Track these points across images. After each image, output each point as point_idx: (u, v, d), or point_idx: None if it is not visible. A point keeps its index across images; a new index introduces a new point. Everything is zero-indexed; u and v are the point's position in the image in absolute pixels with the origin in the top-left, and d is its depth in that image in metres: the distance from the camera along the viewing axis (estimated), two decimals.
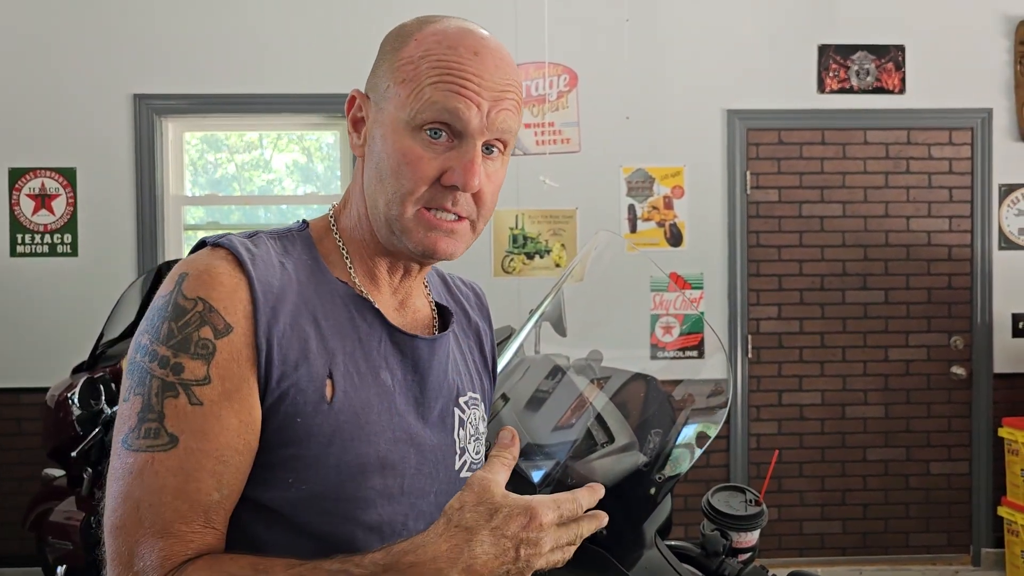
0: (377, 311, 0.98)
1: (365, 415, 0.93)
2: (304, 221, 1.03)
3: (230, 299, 0.89)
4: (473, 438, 1.06)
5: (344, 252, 1.00)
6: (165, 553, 0.83)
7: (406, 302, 1.04)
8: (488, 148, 0.95)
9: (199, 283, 0.89)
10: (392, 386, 0.97)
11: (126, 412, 0.87)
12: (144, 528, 0.84)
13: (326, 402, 0.91)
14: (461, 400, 1.05)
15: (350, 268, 0.99)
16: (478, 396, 1.09)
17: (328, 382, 0.92)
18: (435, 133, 0.93)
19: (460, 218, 0.96)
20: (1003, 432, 3.98)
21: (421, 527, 0.94)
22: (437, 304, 1.09)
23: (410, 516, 0.97)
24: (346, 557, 0.84)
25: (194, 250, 0.97)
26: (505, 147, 0.98)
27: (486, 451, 1.16)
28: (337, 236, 1.01)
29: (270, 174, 4.94)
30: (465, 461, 1.04)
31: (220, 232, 0.99)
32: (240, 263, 0.91)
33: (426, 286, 1.09)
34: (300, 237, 1.00)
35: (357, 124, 1.00)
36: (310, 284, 0.96)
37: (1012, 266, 4.20)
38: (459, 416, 1.04)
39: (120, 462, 0.86)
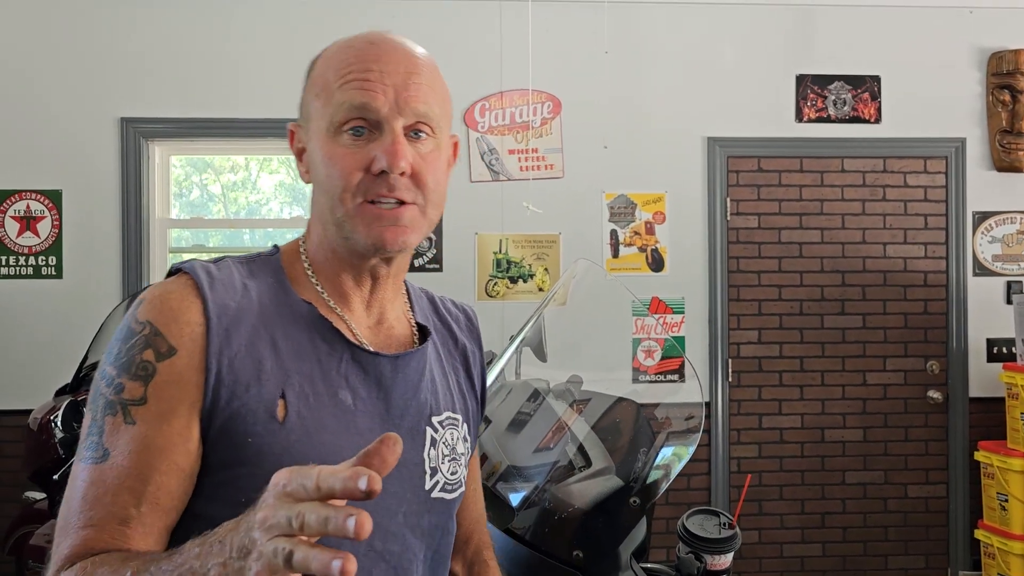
0: (337, 331, 0.98)
1: (319, 435, 0.94)
2: (275, 246, 1.06)
3: (177, 322, 0.92)
4: (448, 458, 1.05)
5: (310, 273, 1.02)
6: (69, 552, 0.86)
7: (383, 319, 1.04)
8: (415, 132, 0.97)
9: (150, 307, 0.93)
10: (353, 405, 0.97)
11: (83, 427, 0.93)
12: (65, 530, 0.88)
13: (277, 422, 0.92)
14: (434, 419, 1.04)
15: (319, 288, 1.01)
16: (458, 417, 1.08)
17: (281, 402, 0.93)
18: (356, 131, 0.95)
19: (403, 203, 0.96)
20: (979, 456, 4.03)
21: (392, 547, 0.97)
22: (418, 323, 1.09)
23: (376, 537, 0.95)
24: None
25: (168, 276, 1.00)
26: (434, 130, 0.98)
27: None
28: (305, 260, 1.03)
29: (256, 194, 4.97)
30: (437, 481, 1.03)
31: (192, 258, 1.03)
32: (198, 287, 0.94)
33: (410, 305, 1.10)
34: (269, 261, 1.03)
35: (300, 154, 1.03)
36: (273, 306, 0.97)
37: (986, 292, 4.28)
38: (430, 435, 1.03)
39: (72, 471, 0.92)
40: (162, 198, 4.22)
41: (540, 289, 4.12)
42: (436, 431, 1.04)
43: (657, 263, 4.17)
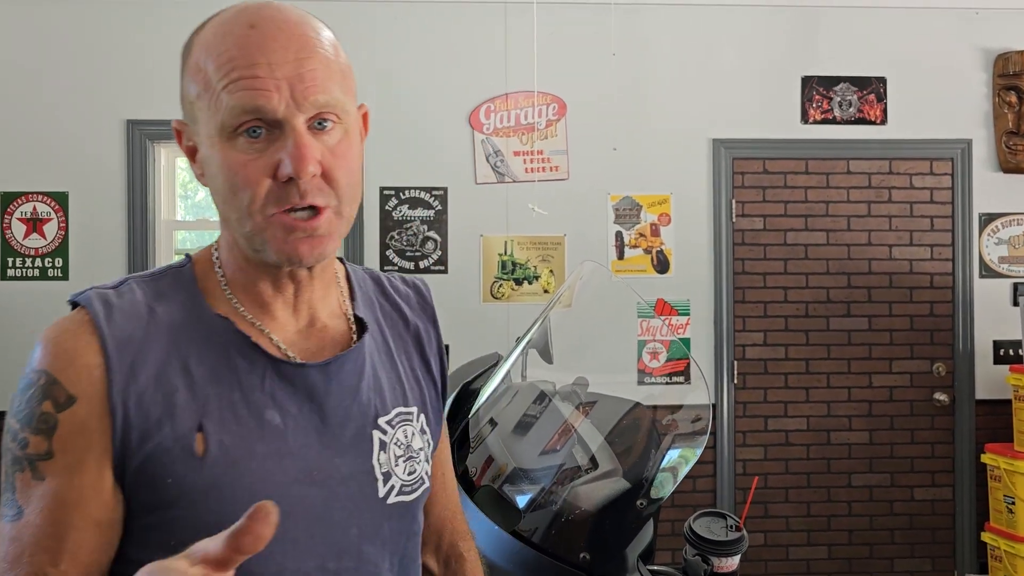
0: (256, 346, 0.90)
1: (245, 464, 0.87)
2: (188, 256, 0.97)
3: (74, 366, 0.85)
4: (403, 458, 0.97)
5: (224, 285, 0.93)
6: None
7: (314, 320, 0.96)
8: (319, 123, 0.87)
9: (45, 353, 0.86)
10: (282, 424, 0.89)
11: (2, 479, 0.88)
12: None
13: (196, 457, 0.85)
14: (381, 420, 0.96)
15: (233, 301, 0.93)
16: (412, 410, 1.00)
17: (199, 435, 0.86)
18: (252, 132, 0.85)
19: (318, 210, 0.87)
20: (986, 458, 4.02)
21: (347, 564, 0.91)
22: (356, 316, 0.99)
23: (328, 557, 0.90)
24: None
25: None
26: (339, 116, 0.88)
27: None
28: (219, 270, 0.94)
29: None
30: (393, 486, 0.95)
31: (86, 288, 0.92)
32: (94, 321, 0.86)
33: (351, 293, 1.02)
34: (180, 275, 0.94)
35: (192, 153, 0.93)
36: (185, 327, 0.89)
37: (992, 294, 4.26)
38: (378, 439, 0.95)
39: None
40: (168, 200, 4.22)
41: (545, 291, 4.12)
42: (385, 432, 0.96)
43: (662, 265, 4.17)
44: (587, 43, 4.13)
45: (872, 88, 4.24)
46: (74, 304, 0.91)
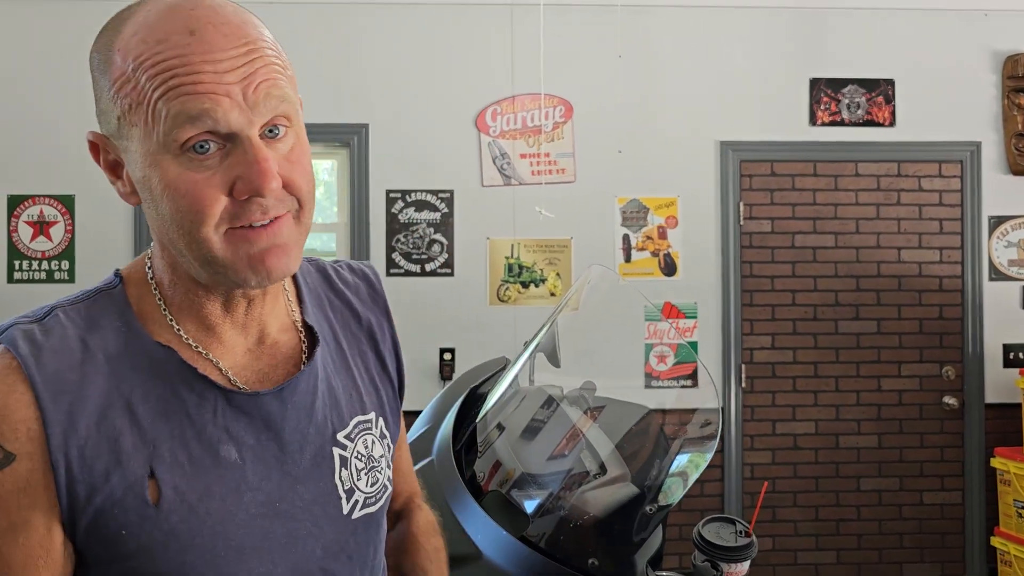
0: (205, 377, 0.83)
1: (204, 506, 0.82)
2: (117, 273, 0.88)
3: (8, 422, 0.77)
4: (364, 471, 0.93)
5: (163, 309, 0.85)
6: None
7: (263, 336, 0.89)
8: (271, 131, 0.79)
9: None
10: (240, 459, 0.84)
11: None
12: None
13: (150, 506, 0.79)
14: (340, 435, 0.91)
15: (175, 327, 0.85)
16: (370, 416, 0.95)
17: (150, 482, 0.80)
18: (200, 147, 0.77)
19: (277, 218, 0.80)
20: (995, 462, 3.99)
21: None
22: (306, 325, 0.93)
23: None
24: None
25: None
26: (290, 118, 0.81)
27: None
28: (156, 293, 0.86)
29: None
30: (357, 501, 0.91)
31: (5, 322, 0.84)
32: (23, 368, 0.78)
33: (299, 296, 0.95)
34: (111, 299, 0.85)
35: (115, 169, 0.83)
36: (124, 360, 0.82)
37: (1002, 297, 4.24)
38: (339, 455, 0.91)
39: None
40: None
41: (552, 294, 4.11)
42: (345, 448, 0.91)
43: (670, 268, 4.15)
44: (594, 45, 4.12)
45: (880, 90, 4.22)
46: None
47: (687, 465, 1.52)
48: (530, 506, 1.45)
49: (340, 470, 0.90)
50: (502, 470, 1.51)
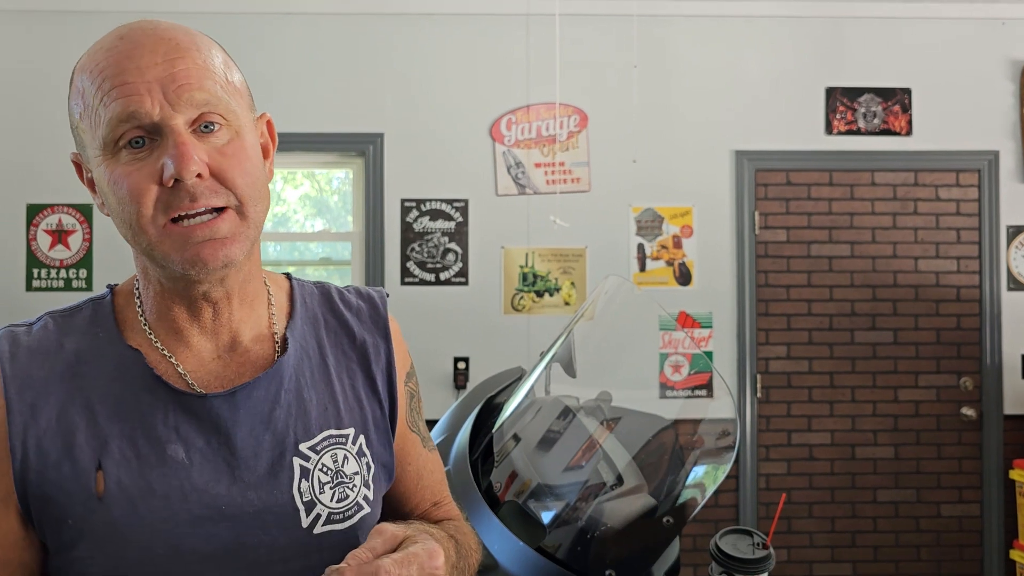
0: (159, 379, 0.88)
1: (146, 503, 0.84)
2: (109, 288, 0.95)
3: None
4: (329, 485, 0.92)
5: (141, 315, 0.91)
6: None
7: (236, 343, 0.92)
8: (205, 127, 0.84)
9: None
10: (187, 459, 0.86)
11: None
12: None
13: (95, 498, 0.84)
14: (303, 446, 0.91)
15: (148, 332, 0.90)
16: (347, 432, 0.95)
17: (98, 474, 0.84)
18: (135, 143, 0.83)
19: (216, 212, 0.84)
20: (1014, 474, 3.95)
21: None
22: (283, 336, 0.95)
23: None
24: None
25: None
26: (226, 117, 0.85)
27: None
28: (138, 301, 0.92)
29: (282, 206, 5.00)
30: (318, 515, 0.91)
31: (7, 325, 0.93)
32: None
33: (291, 310, 0.97)
34: (99, 308, 0.92)
35: (92, 184, 0.90)
36: (91, 363, 0.88)
37: (1020, 307, 4.20)
38: (299, 466, 0.91)
39: None
40: None
41: (567, 303, 4.10)
42: (307, 459, 0.91)
43: (684, 277, 4.15)
44: (609, 55, 4.12)
45: (897, 99, 4.20)
46: None
47: (704, 477, 1.52)
48: (547, 517, 1.45)
49: (300, 480, 0.90)
50: (518, 480, 1.51)
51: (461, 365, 4.02)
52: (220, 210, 0.84)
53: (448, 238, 4.09)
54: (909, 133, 4.20)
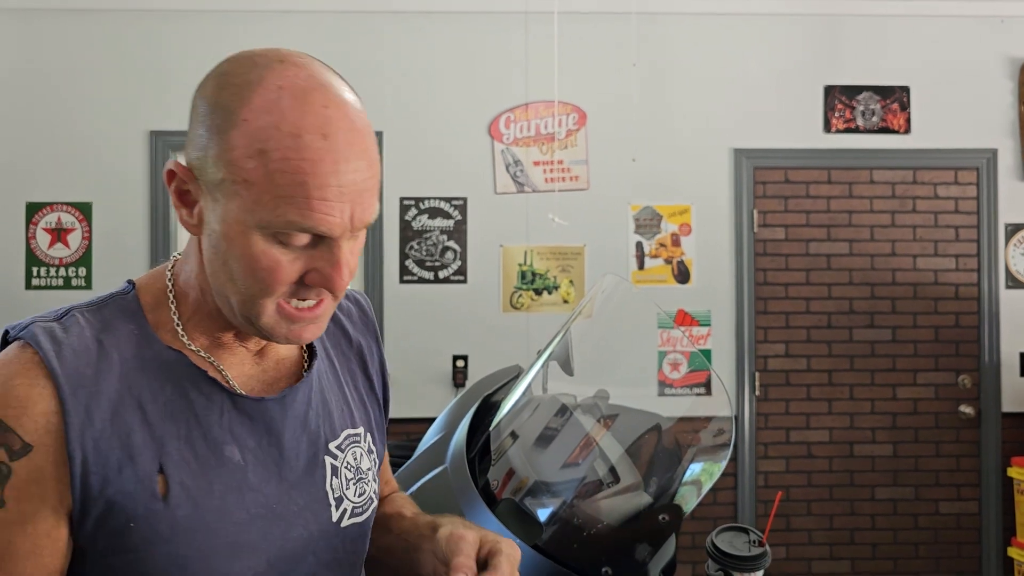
0: (213, 380, 0.89)
1: (207, 503, 0.86)
2: (131, 282, 0.93)
3: (29, 414, 0.80)
4: (353, 481, 0.97)
5: (176, 321, 0.90)
6: None
7: (266, 351, 0.95)
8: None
9: None
10: (242, 460, 0.88)
11: None
12: None
13: (159, 500, 0.83)
14: (332, 445, 0.96)
15: (184, 339, 0.89)
16: (359, 431, 1.01)
17: (159, 477, 0.84)
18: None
19: (322, 300, 0.87)
20: (1012, 472, 3.96)
21: None
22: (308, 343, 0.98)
23: None
24: None
25: (2, 342, 0.88)
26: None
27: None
28: (174, 311, 0.90)
29: None
30: (345, 510, 0.96)
31: (25, 320, 0.87)
32: (45, 363, 0.82)
33: None
34: (124, 304, 0.90)
35: (184, 198, 0.86)
36: (135, 361, 0.86)
37: (1019, 305, 4.21)
38: (330, 464, 0.95)
39: None
40: None
41: (565, 301, 4.11)
42: (336, 457, 0.96)
43: (683, 275, 4.15)
44: (608, 53, 4.12)
45: (895, 97, 4.20)
46: (6, 336, 0.86)
47: (700, 474, 1.52)
48: (543, 514, 1.45)
49: (331, 478, 0.95)
50: (515, 478, 1.51)
51: (460, 363, 4.02)
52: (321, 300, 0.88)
53: (447, 236, 4.09)
54: (908, 131, 4.20)
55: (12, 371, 0.82)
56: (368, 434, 1.02)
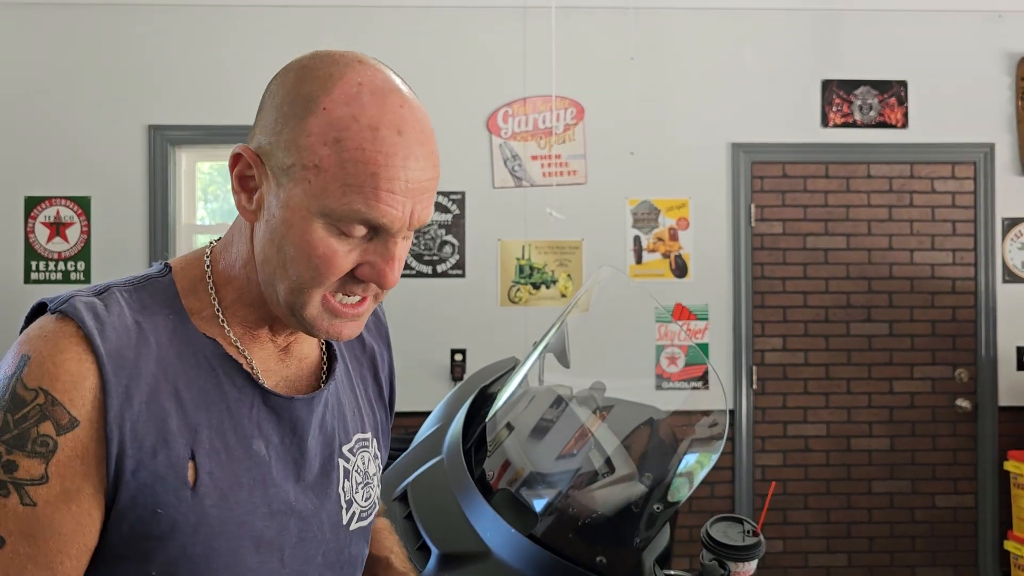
0: (246, 373, 0.89)
1: (234, 495, 0.86)
2: (166, 264, 0.92)
3: (76, 388, 0.79)
4: (361, 485, 0.99)
5: (217, 307, 0.89)
6: None
7: (291, 348, 0.95)
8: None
9: (41, 371, 0.79)
10: (267, 455, 0.89)
11: None
12: None
13: (188, 488, 0.83)
14: (344, 448, 0.97)
15: (223, 323, 0.89)
16: (368, 435, 1.01)
17: (191, 464, 0.83)
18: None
19: (365, 298, 0.89)
20: (1009, 465, 3.98)
21: None
22: (327, 345, 1.00)
23: None
24: None
25: (34, 312, 0.86)
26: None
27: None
28: (212, 288, 0.90)
29: None
30: (354, 513, 0.97)
31: (64, 293, 0.86)
32: (88, 339, 0.80)
33: None
34: (161, 287, 0.89)
35: (245, 183, 0.87)
36: (171, 346, 0.85)
37: (1016, 299, 4.22)
38: (343, 467, 0.96)
39: None
40: (188, 204, 4.26)
41: (563, 295, 4.12)
42: (348, 460, 0.97)
43: (680, 269, 4.16)
44: (606, 47, 4.13)
45: (893, 91, 4.21)
46: (41, 309, 0.85)
47: (694, 465, 1.53)
48: (539, 504, 1.47)
49: (343, 481, 0.96)
50: (511, 469, 1.52)
51: (458, 357, 4.03)
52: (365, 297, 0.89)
53: (445, 230, 4.10)
54: (905, 126, 4.21)
55: (57, 345, 0.80)
56: (375, 440, 1.03)
